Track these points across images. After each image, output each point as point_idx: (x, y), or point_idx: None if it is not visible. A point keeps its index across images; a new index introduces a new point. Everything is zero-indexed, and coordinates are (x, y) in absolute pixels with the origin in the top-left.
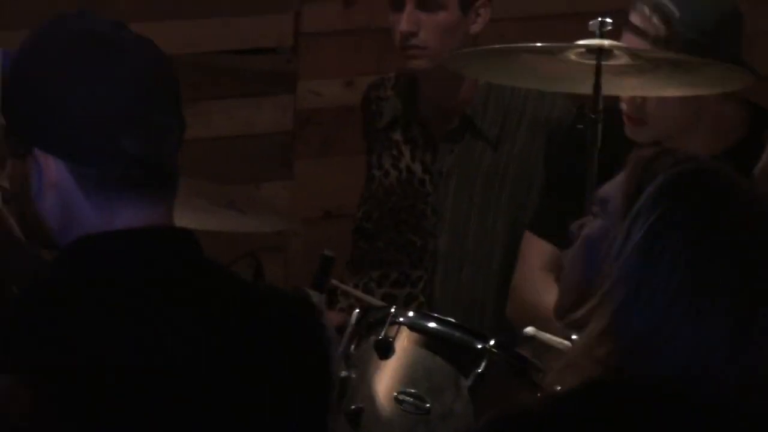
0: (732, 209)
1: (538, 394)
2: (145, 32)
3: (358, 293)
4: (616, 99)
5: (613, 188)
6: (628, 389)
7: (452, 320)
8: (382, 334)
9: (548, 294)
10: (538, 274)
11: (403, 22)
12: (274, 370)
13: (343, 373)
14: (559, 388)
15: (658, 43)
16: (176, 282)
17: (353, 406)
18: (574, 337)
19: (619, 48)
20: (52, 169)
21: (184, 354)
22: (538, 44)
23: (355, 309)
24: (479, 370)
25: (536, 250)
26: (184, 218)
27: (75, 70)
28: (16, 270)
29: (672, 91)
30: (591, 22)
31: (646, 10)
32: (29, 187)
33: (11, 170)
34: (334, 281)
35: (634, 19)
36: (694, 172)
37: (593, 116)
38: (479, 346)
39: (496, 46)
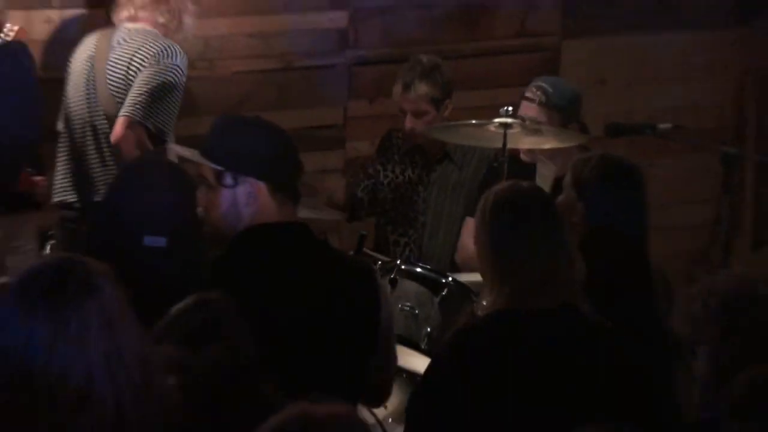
0: (532, 203)
1: (479, 315)
2: (262, 116)
3: (379, 255)
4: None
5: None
6: (524, 314)
7: (428, 266)
8: (393, 275)
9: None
10: (468, 239)
11: (407, 123)
12: (350, 307)
13: None
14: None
15: (541, 105)
16: (304, 251)
17: None
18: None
19: (516, 123)
20: (261, 188)
21: (304, 295)
22: (473, 121)
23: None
24: (443, 293)
25: (469, 226)
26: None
27: (265, 134)
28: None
29: (546, 145)
30: (501, 109)
31: (533, 88)
32: (237, 204)
33: (223, 198)
34: (366, 249)
35: (527, 93)
36: (508, 190)
37: (501, 159)
38: (443, 280)
39: (452, 122)
